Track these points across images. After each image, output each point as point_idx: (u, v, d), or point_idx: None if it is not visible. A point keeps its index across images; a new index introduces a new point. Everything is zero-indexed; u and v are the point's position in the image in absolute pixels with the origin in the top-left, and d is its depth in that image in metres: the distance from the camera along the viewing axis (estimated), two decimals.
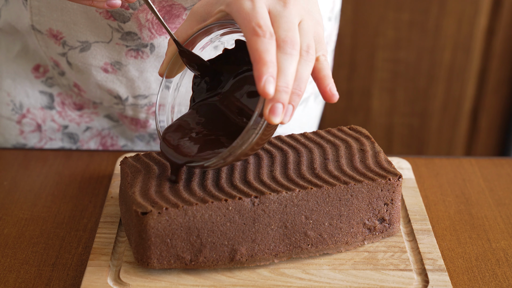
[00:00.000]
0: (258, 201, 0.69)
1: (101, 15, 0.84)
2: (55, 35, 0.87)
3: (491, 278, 0.73)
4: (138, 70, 0.90)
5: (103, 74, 0.90)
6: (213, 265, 0.70)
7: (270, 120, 0.62)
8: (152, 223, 0.67)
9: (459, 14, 1.78)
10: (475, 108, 1.92)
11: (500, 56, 1.84)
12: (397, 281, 0.70)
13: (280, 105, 0.61)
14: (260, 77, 0.60)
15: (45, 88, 0.95)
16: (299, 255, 0.72)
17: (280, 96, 0.61)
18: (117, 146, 1.01)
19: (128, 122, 0.98)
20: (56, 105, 0.96)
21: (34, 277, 0.72)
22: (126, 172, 0.73)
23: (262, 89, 0.60)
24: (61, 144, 1.00)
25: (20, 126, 0.97)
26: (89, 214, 0.82)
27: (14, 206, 0.83)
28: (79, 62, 0.89)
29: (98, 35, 0.86)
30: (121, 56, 0.88)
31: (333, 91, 0.66)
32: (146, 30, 0.85)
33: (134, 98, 0.93)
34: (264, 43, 0.61)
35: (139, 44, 0.86)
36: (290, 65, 0.62)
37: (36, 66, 0.93)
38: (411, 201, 0.82)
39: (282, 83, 0.61)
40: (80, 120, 0.98)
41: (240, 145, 0.65)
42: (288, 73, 0.62)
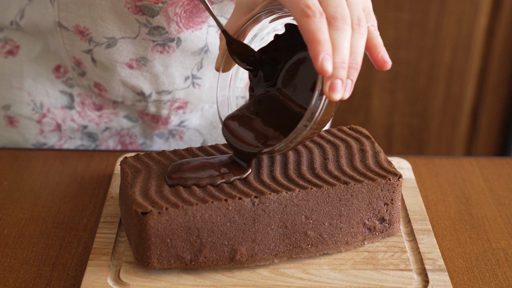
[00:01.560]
0: (258, 201, 0.69)
1: (130, 10, 0.84)
2: (81, 32, 0.87)
3: (491, 278, 0.73)
4: (163, 65, 0.90)
5: (128, 70, 0.90)
6: (213, 265, 0.70)
7: (331, 97, 0.62)
8: (152, 223, 0.67)
9: (459, 14, 1.78)
10: (475, 108, 1.92)
11: (500, 56, 1.84)
12: (397, 281, 0.70)
13: (339, 81, 0.62)
14: (316, 56, 0.61)
15: (66, 88, 0.95)
16: (299, 255, 0.72)
17: (338, 72, 0.62)
18: (136, 144, 1.01)
19: (149, 120, 0.98)
20: (76, 105, 0.96)
21: (34, 277, 0.72)
22: (126, 172, 0.73)
23: (320, 67, 0.61)
24: (80, 143, 1.00)
25: (40, 125, 0.98)
26: (89, 214, 0.82)
27: (14, 206, 0.83)
28: (104, 58, 0.89)
29: (125, 31, 0.86)
30: (147, 51, 0.88)
31: (385, 58, 0.67)
32: (174, 24, 0.85)
33: (157, 94, 0.93)
34: (316, 23, 0.62)
35: (166, 39, 0.87)
36: (344, 40, 0.63)
37: (56, 66, 0.94)
38: (411, 201, 0.82)
39: (338, 59, 0.62)
40: (99, 121, 0.98)
41: (304, 125, 0.66)
42: (343, 48, 0.62)
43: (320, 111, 0.65)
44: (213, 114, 1.00)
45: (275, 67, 0.74)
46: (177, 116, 0.98)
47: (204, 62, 0.91)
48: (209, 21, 0.87)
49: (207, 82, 0.94)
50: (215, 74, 0.93)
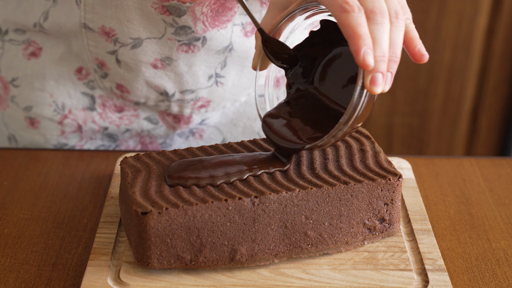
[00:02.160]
0: (258, 201, 0.69)
1: (156, 10, 0.84)
2: (107, 33, 0.87)
3: (491, 278, 0.73)
4: (187, 65, 0.90)
5: (152, 70, 0.91)
6: (213, 265, 0.70)
7: (372, 90, 0.63)
8: (152, 223, 0.67)
9: (459, 14, 1.78)
10: (475, 108, 1.92)
11: (500, 56, 1.84)
12: (397, 281, 0.70)
13: (379, 75, 0.63)
14: (358, 50, 0.62)
15: (87, 90, 0.95)
16: (299, 255, 0.72)
17: (379, 65, 0.63)
18: (156, 143, 1.02)
19: (170, 121, 0.98)
20: (97, 106, 0.97)
21: (34, 277, 0.72)
22: (126, 172, 0.73)
23: (362, 61, 0.62)
24: (101, 143, 1.01)
25: (61, 126, 0.98)
26: (89, 214, 0.82)
27: (14, 206, 0.83)
28: (129, 59, 0.90)
29: (151, 31, 0.87)
30: (172, 51, 0.89)
31: (422, 51, 0.68)
32: (200, 23, 0.85)
33: (181, 94, 0.94)
34: (355, 18, 0.63)
35: (192, 38, 0.87)
36: (383, 34, 0.63)
37: (78, 68, 0.94)
38: (411, 201, 0.82)
39: (378, 53, 0.63)
40: (120, 122, 0.98)
41: (346, 120, 0.66)
42: (383, 42, 0.63)
43: (361, 105, 0.66)
44: (233, 112, 1.00)
45: (311, 64, 0.75)
46: (199, 115, 0.98)
47: (227, 60, 0.92)
48: (234, 19, 0.87)
49: (230, 80, 0.94)
50: (238, 73, 0.94)
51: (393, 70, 0.64)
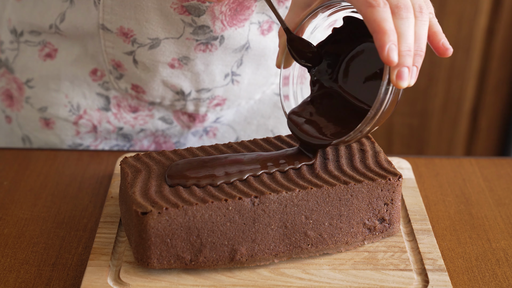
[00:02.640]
0: (258, 201, 0.69)
1: (175, 10, 0.85)
2: (125, 33, 0.88)
3: (491, 278, 0.73)
4: (204, 64, 0.91)
5: (169, 70, 0.91)
6: (213, 265, 0.70)
7: (398, 85, 0.64)
8: (152, 223, 0.67)
9: (459, 14, 1.78)
10: (475, 108, 1.92)
11: (500, 56, 1.84)
12: (397, 281, 0.70)
13: (405, 69, 0.64)
14: (383, 46, 0.63)
15: (102, 90, 0.96)
16: (299, 255, 0.72)
17: (405, 60, 0.64)
18: (170, 143, 1.02)
19: (185, 120, 0.99)
20: (112, 107, 0.97)
21: (34, 277, 0.72)
22: (126, 172, 0.73)
23: (386, 57, 0.63)
24: (115, 143, 1.01)
25: (76, 127, 0.98)
26: (89, 214, 0.82)
27: (14, 206, 0.83)
28: (146, 59, 0.90)
29: (170, 31, 0.87)
30: (190, 50, 0.89)
31: (446, 45, 0.69)
32: (219, 22, 0.86)
33: (197, 92, 0.94)
34: (380, 13, 0.63)
35: (210, 37, 0.87)
36: (408, 28, 0.64)
37: (93, 70, 0.94)
38: (411, 201, 0.82)
39: (404, 48, 0.64)
40: (134, 123, 0.98)
41: (373, 114, 0.67)
42: (408, 36, 0.64)
43: (388, 100, 0.66)
44: (247, 110, 1.01)
45: (334, 61, 0.76)
46: (214, 113, 0.99)
47: (244, 59, 0.92)
48: (251, 18, 0.88)
49: (245, 78, 0.95)
50: (253, 71, 0.94)
51: (418, 64, 0.65)
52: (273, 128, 1.02)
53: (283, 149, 0.77)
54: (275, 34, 0.92)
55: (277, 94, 0.99)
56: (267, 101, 1.00)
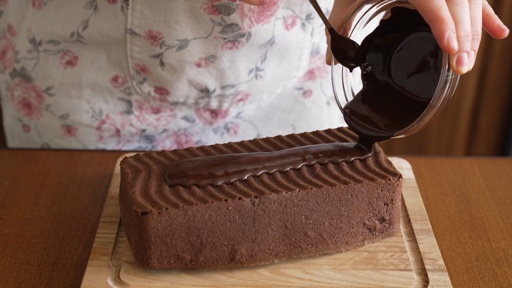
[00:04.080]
0: (258, 201, 0.69)
1: (205, 11, 0.85)
2: (153, 36, 0.88)
3: (491, 278, 0.73)
4: (230, 61, 0.91)
5: (196, 69, 0.91)
6: (213, 265, 0.70)
7: (459, 71, 0.65)
8: (152, 223, 0.67)
9: None
10: (475, 108, 1.92)
11: (500, 56, 1.84)
12: (397, 281, 0.70)
13: (465, 54, 0.65)
14: (442, 35, 0.63)
15: (124, 95, 0.96)
16: (299, 255, 0.72)
17: (464, 45, 0.64)
18: (191, 142, 1.02)
19: (207, 116, 0.99)
20: (134, 109, 0.97)
21: (34, 277, 0.72)
22: (126, 172, 0.73)
23: (447, 46, 0.63)
24: (138, 145, 1.01)
25: (99, 132, 0.98)
26: (89, 214, 0.82)
27: (14, 206, 0.83)
28: (174, 61, 0.90)
29: (198, 32, 0.87)
30: (217, 49, 0.89)
31: (501, 26, 0.69)
32: (247, 19, 0.86)
33: (221, 89, 0.94)
34: (435, 2, 0.64)
35: (237, 35, 0.88)
36: (464, 13, 0.65)
37: (114, 77, 0.94)
38: (411, 201, 0.82)
39: (462, 33, 0.64)
40: (157, 124, 0.98)
41: (435, 102, 0.68)
42: (465, 21, 0.65)
43: (448, 86, 0.67)
44: (268, 105, 1.01)
45: (384, 53, 0.76)
46: (236, 108, 0.99)
47: (268, 54, 0.93)
48: (277, 13, 0.88)
49: (269, 73, 0.95)
50: (276, 65, 0.95)
51: (476, 48, 0.66)
52: (294, 122, 1.02)
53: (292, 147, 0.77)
54: (298, 29, 0.92)
55: (298, 88, 1.00)
56: (288, 95, 1.01)
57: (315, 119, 1.03)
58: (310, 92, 1.01)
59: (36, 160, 0.92)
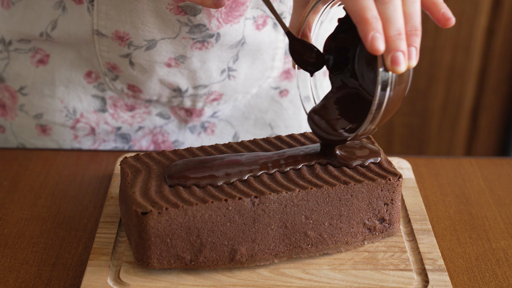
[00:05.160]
0: (258, 201, 0.69)
1: (171, 11, 0.85)
2: (121, 37, 0.88)
3: (491, 278, 0.73)
4: (201, 61, 0.91)
5: (166, 69, 0.91)
6: (213, 265, 0.70)
7: (395, 71, 0.62)
8: (152, 223, 0.67)
9: (459, 14, 1.78)
10: (475, 108, 1.92)
11: (500, 56, 1.84)
12: (397, 281, 0.70)
13: (399, 53, 0.61)
14: (365, 36, 0.61)
15: (97, 92, 0.95)
16: (299, 255, 0.72)
17: (395, 44, 0.61)
18: (168, 142, 1.02)
19: (183, 114, 0.99)
20: (109, 107, 0.97)
21: (34, 277, 0.72)
22: (126, 172, 0.73)
23: (370, 47, 0.61)
24: (114, 145, 1.01)
25: (74, 131, 0.98)
26: (89, 214, 0.82)
27: (14, 206, 0.83)
28: (143, 61, 0.90)
29: (166, 32, 0.87)
30: (186, 49, 0.89)
31: (447, 15, 0.65)
32: (214, 20, 0.86)
33: (194, 89, 0.94)
34: (359, 2, 0.61)
35: (206, 35, 0.88)
36: (394, 11, 0.62)
37: (88, 72, 0.94)
38: (411, 201, 0.82)
39: (392, 32, 0.61)
40: (132, 121, 0.98)
41: (377, 105, 0.65)
42: (396, 19, 0.62)
43: (391, 87, 0.64)
44: (244, 104, 1.01)
45: (347, 53, 0.74)
46: (211, 108, 0.99)
47: (240, 54, 0.92)
48: (246, 14, 0.88)
49: (242, 73, 0.95)
50: (249, 65, 0.95)
51: (416, 44, 0.63)
52: (271, 122, 1.02)
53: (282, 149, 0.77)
54: (270, 29, 0.92)
55: (274, 88, 0.99)
56: (264, 95, 1.00)
57: (292, 118, 1.02)
58: (287, 91, 1.00)
59: (36, 160, 0.92)
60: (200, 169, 0.72)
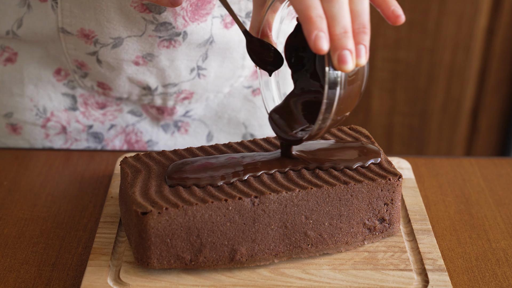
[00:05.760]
0: (258, 201, 0.69)
1: (136, 9, 0.84)
2: (86, 35, 0.87)
3: (491, 278, 0.73)
4: (169, 60, 0.90)
5: (134, 67, 0.91)
6: (213, 265, 0.70)
7: (342, 69, 0.60)
8: (152, 223, 0.67)
9: (459, 14, 1.78)
10: (475, 108, 1.92)
11: (500, 56, 1.84)
12: (397, 281, 0.70)
13: (346, 52, 0.60)
14: (308, 35, 0.59)
15: (68, 90, 0.95)
16: (299, 255, 0.72)
17: (341, 43, 0.60)
18: (142, 142, 1.01)
19: (154, 112, 0.98)
20: (79, 105, 0.96)
21: (34, 277, 0.72)
22: (126, 172, 0.73)
23: (313, 46, 0.59)
24: (87, 145, 1.00)
25: (45, 130, 0.97)
26: (89, 214, 0.82)
27: (14, 206, 0.83)
28: (110, 58, 0.90)
29: (131, 30, 0.86)
30: (153, 47, 0.89)
31: (397, 12, 0.63)
32: (180, 18, 0.85)
33: (163, 87, 0.94)
34: (304, 1, 0.60)
35: (172, 34, 0.87)
36: (340, 9, 0.61)
37: (57, 70, 0.93)
38: (411, 201, 0.82)
39: (338, 30, 0.60)
40: (104, 119, 0.98)
41: (327, 104, 0.64)
42: (341, 17, 0.60)
43: (341, 85, 0.63)
44: (217, 104, 1.00)
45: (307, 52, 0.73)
46: (183, 106, 0.98)
47: (209, 53, 0.92)
48: (213, 12, 0.87)
49: (212, 72, 0.94)
50: (219, 64, 0.94)
51: (365, 41, 0.61)
52: (245, 121, 1.02)
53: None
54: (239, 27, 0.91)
55: (246, 87, 0.99)
56: (237, 94, 1.00)
57: (266, 117, 1.02)
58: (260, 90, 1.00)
59: (36, 160, 0.92)
60: (200, 169, 0.72)
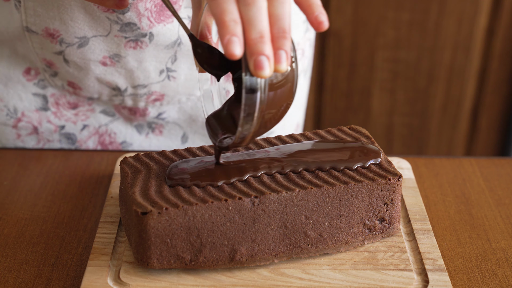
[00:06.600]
0: (258, 201, 0.69)
1: (100, 8, 0.84)
2: (51, 34, 0.86)
3: (491, 278, 0.73)
4: (137, 61, 0.90)
5: (102, 67, 0.90)
6: (213, 265, 0.70)
7: (259, 75, 0.58)
8: (152, 223, 0.67)
9: (459, 14, 1.78)
10: (475, 108, 1.92)
11: (500, 56, 1.84)
12: (397, 281, 0.70)
13: (262, 57, 0.57)
14: (222, 40, 0.58)
15: (38, 90, 0.94)
16: (299, 255, 0.72)
17: (257, 48, 0.58)
18: (116, 143, 1.01)
19: (126, 113, 0.98)
20: (51, 106, 0.96)
21: (34, 277, 0.72)
22: (126, 172, 0.73)
23: (226, 51, 0.57)
24: (59, 146, 1.00)
25: (16, 130, 0.97)
26: (89, 214, 0.82)
27: (14, 206, 0.83)
28: (77, 58, 0.89)
29: (97, 29, 0.86)
30: (120, 48, 0.88)
31: (320, 18, 0.60)
32: (145, 19, 0.85)
33: (133, 88, 0.93)
34: (220, 5, 0.58)
35: (138, 34, 0.86)
36: (257, 13, 0.58)
37: (27, 69, 0.93)
38: (411, 201, 0.82)
39: (253, 35, 0.58)
40: (76, 119, 0.97)
41: (247, 111, 0.62)
42: (258, 22, 0.58)
43: (262, 91, 0.61)
44: (191, 107, 0.99)
45: None
46: (155, 108, 0.98)
47: (178, 54, 0.91)
48: (180, 13, 0.87)
49: (182, 74, 0.94)
50: (190, 66, 0.93)
51: (285, 47, 0.58)
52: None
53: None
54: None
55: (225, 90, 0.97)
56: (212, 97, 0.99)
57: None
58: None
59: (36, 160, 0.92)
60: (200, 169, 0.72)
